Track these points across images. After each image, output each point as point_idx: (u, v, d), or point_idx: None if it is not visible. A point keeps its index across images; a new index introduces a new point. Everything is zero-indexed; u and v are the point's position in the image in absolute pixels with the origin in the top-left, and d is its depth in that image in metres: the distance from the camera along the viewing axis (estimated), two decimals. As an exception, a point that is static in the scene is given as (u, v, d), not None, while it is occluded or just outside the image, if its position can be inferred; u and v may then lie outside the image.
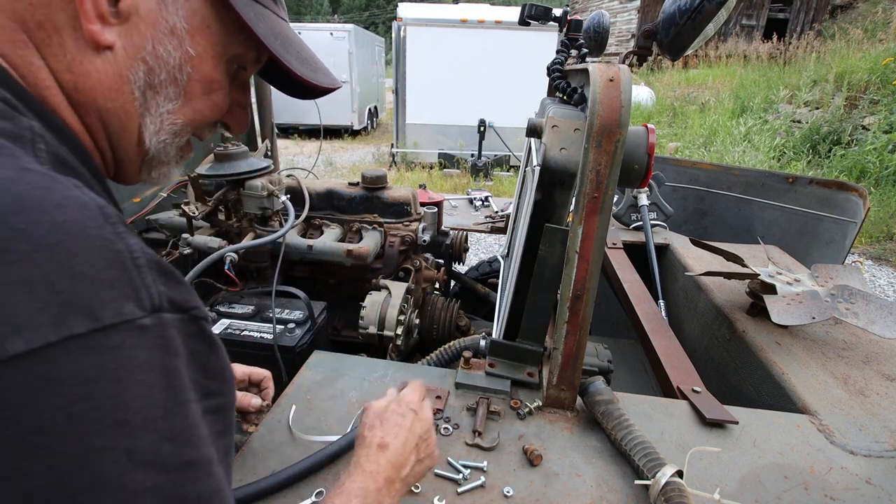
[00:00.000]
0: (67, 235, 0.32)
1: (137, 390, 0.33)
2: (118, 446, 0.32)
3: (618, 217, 2.10)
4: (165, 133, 0.52)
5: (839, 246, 2.01)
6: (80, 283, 0.32)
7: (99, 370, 0.31)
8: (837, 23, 12.88)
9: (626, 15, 15.60)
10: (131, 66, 0.46)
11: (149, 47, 0.47)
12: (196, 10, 0.49)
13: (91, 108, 0.46)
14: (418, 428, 0.67)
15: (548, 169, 0.94)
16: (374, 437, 0.63)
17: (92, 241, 0.33)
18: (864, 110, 7.33)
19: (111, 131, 0.49)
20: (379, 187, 1.66)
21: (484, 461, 0.83)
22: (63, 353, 0.30)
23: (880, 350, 1.23)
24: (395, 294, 1.37)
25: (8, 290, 0.29)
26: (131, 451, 0.32)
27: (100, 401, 0.31)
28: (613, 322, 2.16)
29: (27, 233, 0.31)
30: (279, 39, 0.53)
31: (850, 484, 0.83)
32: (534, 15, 1.57)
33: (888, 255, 5.39)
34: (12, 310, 0.29)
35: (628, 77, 0.82)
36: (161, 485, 0.33)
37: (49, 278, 0.31)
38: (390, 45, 9.31)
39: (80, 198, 0.35)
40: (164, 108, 0.50)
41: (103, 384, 0.31)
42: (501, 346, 1.06)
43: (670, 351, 1.20)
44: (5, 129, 0.36)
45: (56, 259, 0.31)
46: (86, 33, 0.43)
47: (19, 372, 0.29)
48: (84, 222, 0.34)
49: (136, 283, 0.35)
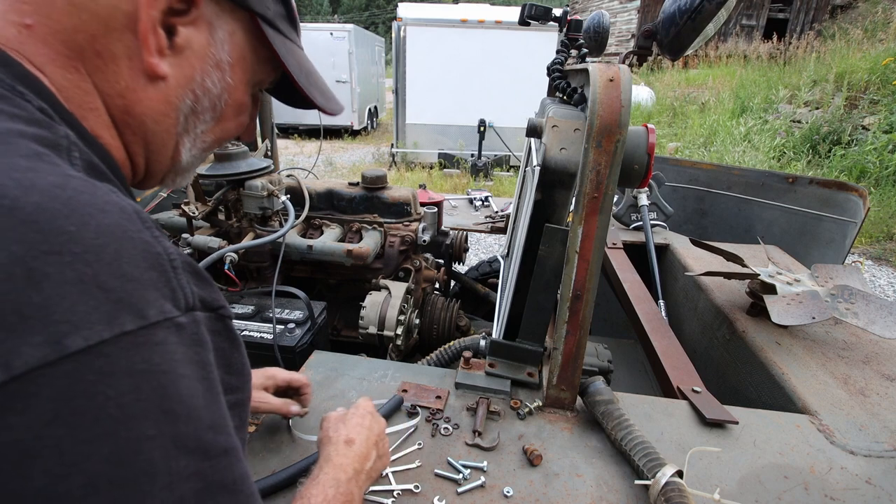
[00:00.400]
0: (113, 237, 0.34)
1: (181, 382, 0.36)
2: (165, 434, 0.34)
3: (618, 217, 2.09)
4: (197, 149, 0.57)
5: (839, 246, 2.01)
6: (128, 283, 0.34)
7: (147, 364, 0.34)
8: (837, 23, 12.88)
9: (626, 15, 15.60)
10: (180, 95, 0.51)
11: (197, 78, 0.51)
12: (238, 45, 0.54)
13: (138, 129, 0.50)
14: (377, 427, 0.75)
15: (548, 169, 0.94)
16: (341, 435, 0.70)
17: (134, 243, 0.36)
18: (864, 110, 7.33)
19: (151, 149, 0.53)
20: (379, 187, 1.66)
21: (484, 461, 0.83)
22: (115, 349, 0.32)
23: (880, 350, 1.23)
24: (395, 294, 1.37)
25: (64, 290, 0.31)
26: (177, 438, 0.35)
27: (148, 392, 0.34)
28: (613, 322, 2.16)
29: (78, 235, 0.33)
30: (304, 72, 0.60)
31: (850, 484, 0.83)
32: (534, 15, 1.57)
33: (888, 255, 5.40)
34: (70, 308, 0.31)
35: (628, 77, 0.82)
36: (204, 470, 0.36)
37: (100, 278, 0.33)
38: (390, 45, 9.31)
39: (118, 202, 0.37)
40: (199, 128, 0.56)
41: (151, 377, 0.34)
42: (501, 346, 1.06)
43: (670, 351, 1.20)
44: (45, 138, 0.38)
45: (105, 260, 0.33)
46: (145, 64, 0.47)
47: (79, 367, 0.31)
48: (125, 225, 0.36)
49: (173, 284, 0.38)
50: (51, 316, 0.30)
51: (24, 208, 0.32)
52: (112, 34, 0.45)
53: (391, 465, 0.83)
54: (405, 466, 0.82)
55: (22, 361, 0.29)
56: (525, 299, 1.01)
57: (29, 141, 0.37)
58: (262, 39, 0.55)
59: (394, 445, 0.87)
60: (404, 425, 0.91)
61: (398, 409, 0.95)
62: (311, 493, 0.60)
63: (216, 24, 0.51)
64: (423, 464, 0.83)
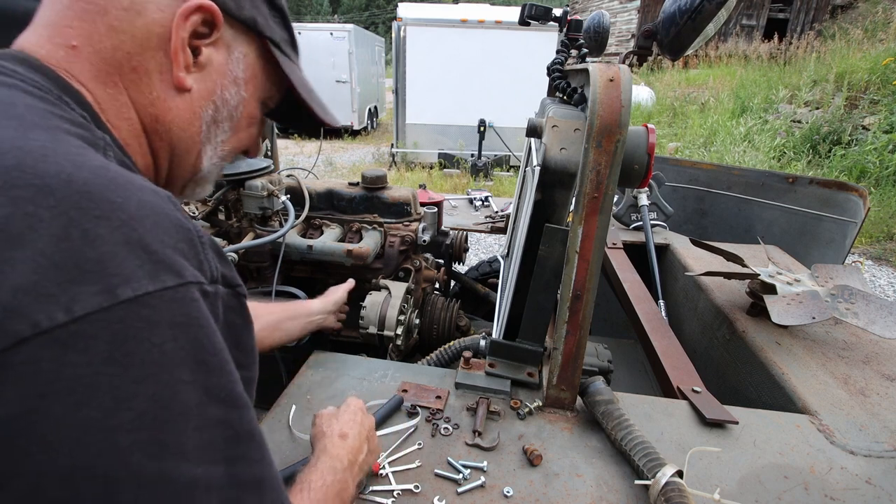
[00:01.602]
0: (151, 210, 0.40)
1: (213, 337, 0.41)
2: (198, 381, 0.38)
3: (618, 217, 2.09)
4: (217, 157, 0.64)
5: (839, 246, 2.01)
6: (166, 248, 0.39)
7: (185, 317, 0.39)
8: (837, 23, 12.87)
9: (626, 15, 15.60)
10: (203, 105, 0.59)
11: (217, 91, 0.59)
12: (251, 64, 0.62)
13: (165, 136, 0.57)
14: (367, 423, 0.80)
15: (548, 169, 0.94)
16: (335, 430, 0.75)
17: (169, 218, 0.41)
18: (865, 110, 7.32)
19: (176, 154, 0.60)
20: (379, 187, 1.66)
21: (484, 461, 0.83)
22: (159, 301, 0.37)
23: (880, 350, 1.23)
24: (395, 294, 1.37)
25: (115, 249, 0.36)
26: (208, 386, 0.39)
27: (185, 342, 0.38)
28: (613, 322, 2.16)
29: (123, 205, 0.38)
30: (305, 89, 0.68)
31: (850, 484, 0.83)
32: (534, 15, 1.57)
33: (888, 255, 5.39)
34: (121, 264, 0.36)
35: (628, 77, 0.82)
36: (231, 418, 0.41)
37: (144, 241, 0.38)
38: (390, 45, 9.30)
39: (152, 186, 0.43)
40: (219, 137, 0.63)
41: (187, 329, 0.39)
42: (501, 346, 1.06)
43: (670, 351, 1.20)
44: (85, 136, 0.45)
45: (146, 227, 0.38)
46: (174, 78, 0.54)
47: (129, 314, 0.35)
48: (160, 203, 0.41)
49: (200, 257, 0.42)
50: (105, 269, 0.35)
51: (78, 181, 0.37)
52: (147, 52, 0.52)
53: (391, 465, 0.83)
54: (405, 466, 0.82)
55: (81, 306, 0.33)
56: (525, 299, 1.01)
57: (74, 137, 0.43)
58: (271, 60, 0.64)
59: (394, 445, 0.87)
60: (404, 425, 0.91)
61: (398, 409, 0.95)
62: (310, 479, 0.64)
63: (233, 45, 0.59)
64: (423, 464, 0.83)
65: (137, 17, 0.51)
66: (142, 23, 0.51)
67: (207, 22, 0.54)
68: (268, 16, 0.62)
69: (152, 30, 0.52)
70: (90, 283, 0.34)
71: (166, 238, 0.39)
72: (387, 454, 0.84)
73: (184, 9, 0.52)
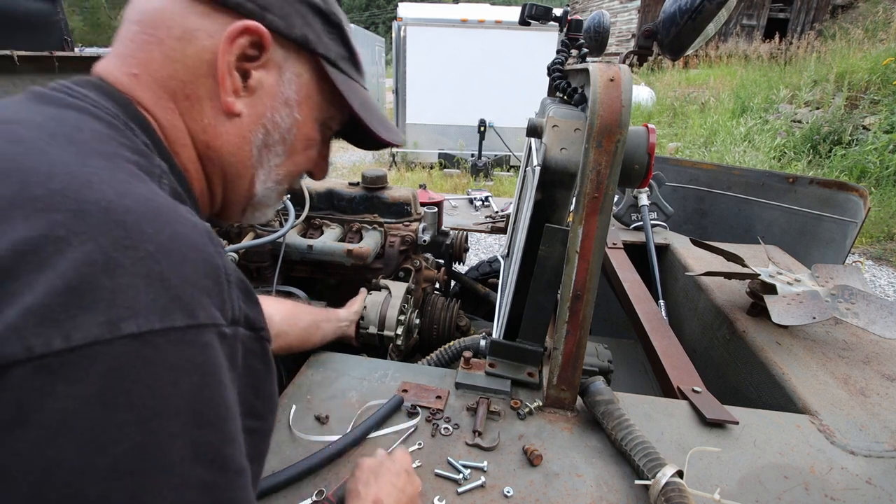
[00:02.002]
0: (182, 244, 0.39)
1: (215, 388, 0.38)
2: (187, 435, 0.35)
3: (618, 217, 2.09)
4: (272, 181, 0.63)
5: (839, 246, 2.01)
6: (187, 285, 0.37)
7: (188, 362, 0.36)
8: (838, 23, 12.87)
9: (627, 15, 15.60)
10: (253, 130, 0.58)
11: (268, 114, 0.58)
12: (304, 84, 0.60)
13: (217, 161, 0.57)
14: (410, 490, 0.70)
15: (548, 169, 0.94)
16: (370, 494, 0.66)
17: (199, 252, 0.40)
18: (865, 110, 7.32)
19: (228, 179, 0.60)
20: (379, 187, 1.66)
21: (484, 461, 0.83)
22: (163, 340, 0.35)
23: (881, 350, 1.23)
24: (395, 294, 1.37)
25: (133, 281, 0.35)
26: (197, 443, 0.36)
27: (183, 389, 0.35)
28: (613, 322, 2.16)
29: (154, 237, 0.37)
30: (365, 107, 0.65)
31: (851, 484, 0.83)
32: (534, 15, 1.57)
33: (888, 255, 5.39)
34: (134, 297, 0.34)
35: (629, 77, 0.82)
36: (215, 483, 0.37)
37: (164, 275, 0.36)
38: (390, 45, 9.30)
39: (193, 219, 0.42)
40: (272, 161, 0.62)
41: (188, 375, 0.36)
42: (501, 346, 1.06)
43: (670, 351, 1.20)
44: (143, 165, 0.46)
45: (171, 261, 0.37)
46: (222, 104, 0.54)
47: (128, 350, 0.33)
48: (195, 237, 0.40)
49: (224, 296, 0.41)
50: (115, 300, 0.34)
51: (117, 210, 0.37)
52: (198, 80, 0.53)
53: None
54: (405, 466, 0.82)
55: (81, 335, 0.32)
56: (525, 299, 1.01)
57: (132, 165, 0.44)
58: (327, 79, 0.61)
59: (394, 445, 0.87)
60: (404, 425, 0.91)
61: (398, 409, 0.95)
62: None
63: (284, 66, 0.58)
64: (423, 464, 0.83)
65: (188, 46, 0.52)
66: (193, 50, 0.52)
67: (256, 44, 0.54)
68: (322, 32, 0.60)
69: (202, 57, 0.52)
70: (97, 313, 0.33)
71: (191, 274, 0.38)
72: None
73: (229, 31, 0.52)
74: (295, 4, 0.57)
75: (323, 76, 0.61)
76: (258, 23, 0.53)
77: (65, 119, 0.44)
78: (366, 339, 1.31)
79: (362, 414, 0.94)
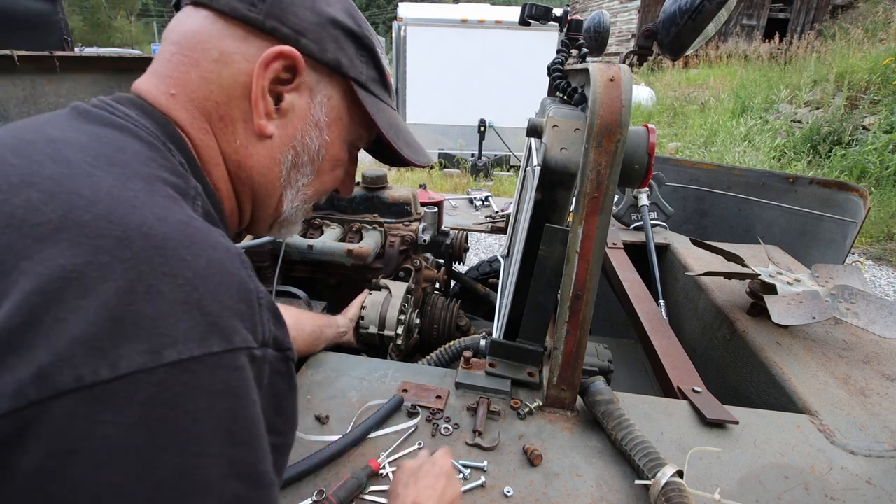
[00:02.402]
0: (218, 270, 0.40)
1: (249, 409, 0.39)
2: (224, 455, 0.37)
3: (618, 217, 2.09)
4: (299, 201, 0.65)
5: (839, 246, 2.01)
6: (224, 310, 0.39)
7: (224, 385, 0.37)
8: (838, 23, 12.87)
9: (627, 15, 15.59)
10: (283, 151, 0.59)
11: (298, 136, 0.60)
12: (335, 106, 0.62)
13: (247, 182, 0.59)
14: (450, 493, 0.70)
15: (548, 169, 0.94)
16: (409, 496, 0.67)
17: (233, 277, 0.41)
18: (865, 110, 7.32)
19: (258, 198, 0.62)
20: (379, 187, 1.66)
21: (484, 461, 0.83)
22: (201, 366, 0.36)
23: (880, 350, 1.23)
24: (395, 294, 1.37)
25: (173, 307, 0.36)
26: (233, 461, 0.38)
27: (220, 412, 0.37)
28: (613, 322, 2.16)
29: (191, 263, 0.38)
30: (392, 129, 0.67)
31: (851, 484, 0.83)
32: (534, 15, 1.57)
33: (888, 255, 5.39)
34: (174, 324, 0.36)
35: (629, 77, 0.82)
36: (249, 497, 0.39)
37: (202, 302, 0.37)
38: (390, 45, 9.29)
39: (226, 244, 0.43)
40: (301, 182, 0.63)
41: (224, 398, 0.37)
42: (501, 346, 1.06)
43: (670, 351, 1.20)
44: (180, 187, 0.47)
45: (209, 287, 0.38)
46: (255, 126, 0.56)
47: (168, 377, 0.34)
48: (229, 262, 0.42)
49: (256, 318, 0.42)
50: (156, 328, 0.35)
51: (157, 236, 0.38)
52: (233, 101, 0.55)
53: (391, 464, 0.83)
54: (405, 466, 0.82)
55: (126, 364, 0.33)
56: (525, 299, 1.01)
57: (169, 187, 0.45)
58: (357, 101, 0.63)
59: (394, 445, 0.87)
60: (404, 425, 0.91)
61: (398, 409, 0.95)
62: None
63: (316, 89, 0.59)
64: (423, 464, 0.83)
65: (225, 68, 0.54)
66: (229, 73, 0.54)
67: (289, 68, 0.55)
68: (354, 56, 0.61)
69: (238, 79, 0.54)
70: (139, 341, 0.34)
71: (226, 299, 0.39)
72: (387, 454, 0.85)
73: (264, 56, 0.53)
74: (329, 29, 0.58)
75: (353, 99, 0.63)
76: (292, 48, 0.54)
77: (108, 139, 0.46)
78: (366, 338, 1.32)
79: (362, 414, 0.94)
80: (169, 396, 0.34)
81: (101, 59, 2.03)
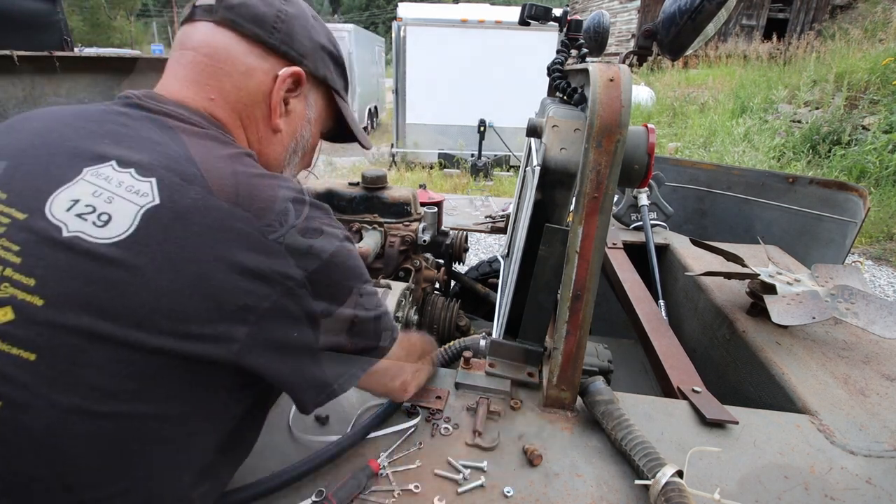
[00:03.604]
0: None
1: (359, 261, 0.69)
2: (365, 274, 0.69)
3: (618, 217, 2.09)
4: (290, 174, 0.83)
5: (839, 246, 2.01)
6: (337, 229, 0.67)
7: (351, 251, 0.66)
8: (837, 23, 12.87)
9: (626, 15, 15.60)
10: (288, 142, 0.80)
11: (297, 130, 0.80)
12: (320, 108, 0.84)
13: (264, 163, 0.74)
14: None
15: (548, 169, 0.94)
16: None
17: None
18: (864, 110, 7.32)
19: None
20: (379, 187, 1.66)
21: (484, 461, 0.83)
22: (351, 245, 0.67)
23: (880, 350, 1.23)
24: (394, 293, 1.37)
25: (330, 220, 0.67)
26: (367, 278, 0.69)
27: (360, 262, 0.68)
28: (613, 322, 2.16)
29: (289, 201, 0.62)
30: (353, 122, 0.91)
31: (851, 484, 0.83)
32: (534, 15, 1.57)
33: (888, 255, 5.39)
34: (336, 226, 0.66)
35: (628, 77, 0.82)
36: (375, 291, 0.71)
37: (333, 220, 0.67)
38: (390, 45, 9.30)
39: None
40: (293, 161, 0.84)
41: (354, 259, 0.67)
42: (501, 346, 1.06)
43: (670, 351, 1.20)
44: (252, 156, 0.67)
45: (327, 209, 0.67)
46: (272, 124, 0.75)
47: (344, 247, 0.64)
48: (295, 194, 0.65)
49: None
50: (331, 231, 0.64)
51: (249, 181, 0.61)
52: (256, 105, 0.72)
53: (391, 465, 0.83)
54: (405, 466, 0.82)
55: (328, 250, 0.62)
56: (525, 299, 1.01)
57: (246, 156, 0.65)
58: (331, 103, 0.86)
59: (394, 445, 0.87)
60: (404, 425, 0.91)
61: (398, 408, 0.95)
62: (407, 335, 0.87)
63: (309, 95, 0.80)
64: (422, 464, 0.83)
65: (250, 80, 0.71)
66: (253, 83, 0.71)
67: (296, 81, 0.75)
68: (333, 71, 0.83)
69: (260, 89, 0.72)
70: (331, 238, 0.64)
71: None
72: (387, 454, 0.84)
73: (283, 73, 0.72)
74: (320, 52, 0.78)
75: (330, 101, 0.86)
76: (299, 67, 0.74)
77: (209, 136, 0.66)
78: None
79: (362, 414, 0.94)
80: (338, 273, 0.64)
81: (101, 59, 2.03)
